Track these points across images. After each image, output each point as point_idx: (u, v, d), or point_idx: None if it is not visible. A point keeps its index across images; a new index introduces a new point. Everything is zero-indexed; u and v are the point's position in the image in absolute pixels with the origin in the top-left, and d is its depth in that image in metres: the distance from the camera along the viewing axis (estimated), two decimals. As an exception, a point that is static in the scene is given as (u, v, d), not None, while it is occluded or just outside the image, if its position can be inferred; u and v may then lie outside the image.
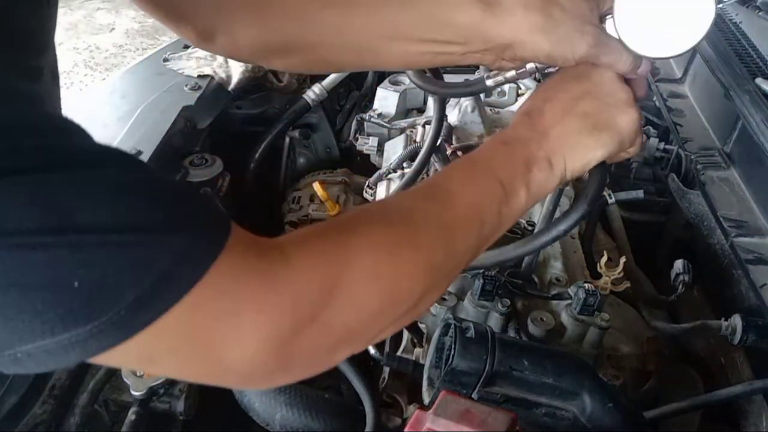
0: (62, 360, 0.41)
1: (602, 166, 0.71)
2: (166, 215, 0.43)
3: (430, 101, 1.45)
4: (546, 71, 0.74)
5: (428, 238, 0.58)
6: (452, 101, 1.46)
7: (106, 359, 0.42)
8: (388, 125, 1.62)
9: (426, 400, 0.86)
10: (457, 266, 0.63)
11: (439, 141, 1.20)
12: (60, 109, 0.61)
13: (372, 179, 1.47)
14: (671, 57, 0.66)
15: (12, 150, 0.37)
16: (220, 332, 0.45)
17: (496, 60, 0.72)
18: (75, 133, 0.42)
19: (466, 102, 1.45)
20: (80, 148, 0.41)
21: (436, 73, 1.10)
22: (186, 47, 1.64)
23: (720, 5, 1.44)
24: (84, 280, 0.38)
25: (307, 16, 0.74)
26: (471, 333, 0.81)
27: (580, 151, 0.67)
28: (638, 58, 0.67)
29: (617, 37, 0.66)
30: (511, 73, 0.74)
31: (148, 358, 0.45)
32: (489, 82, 0.78)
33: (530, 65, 0.73)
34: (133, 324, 0.41)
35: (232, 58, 0.82)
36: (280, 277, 0.47)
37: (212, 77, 1.51)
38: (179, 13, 0.76)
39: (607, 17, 0.67)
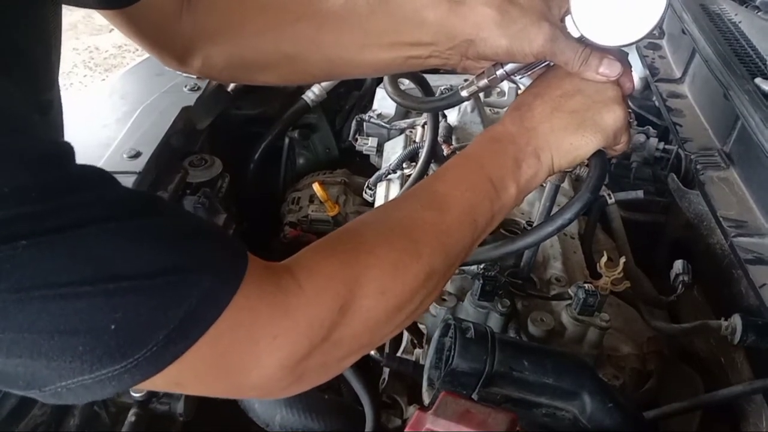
0: (99, 393, 0.45)
1: (601, 155, 0.71)
2: (190, 257, 0.47)
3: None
4: (516, 76, 0.75)
5: (428, 248, 0.61)
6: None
7: (139, 386, 0.47)
8: (387, 126, 1.62)
9: (426, 400, 0.85)
10: (453, 266, 0.65)
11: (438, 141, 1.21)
12: (63, 137, 0.64)
13: (371, 180, 1.47)
14: (631, 44, 0.66)
15: (54, 210, 0.41)
16: (240, 358, 0.50)
17: (461, 60, 0.74)
18: (107, 182, 0.46)
19: (466, 102, 1.45)
20: (112, 199, 0.46)
21: (424, 82, 1.11)
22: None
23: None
24: (120, 322, 0.43)
25: (281, 30, 0.77)
26: (471, 333, 0.81)
27: (566, 147, 0.69)
28: (597, 60, 0.68)
29: (578, 34, 0.67)
30: (483, 82, 0.75)
31: (175, 384, 0.51)
32: (464, 93, 0.78)
33: (500, 71, 0.73)
34: (164, 359, 0.45)
35: (211, 78, 0.85)
36: (293, 305, 0.52)
37: (212, 78, 1.51)
38: (158, 40, 0.79)
39: (567, 15, 0.68)
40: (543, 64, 0.73)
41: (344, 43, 0.76)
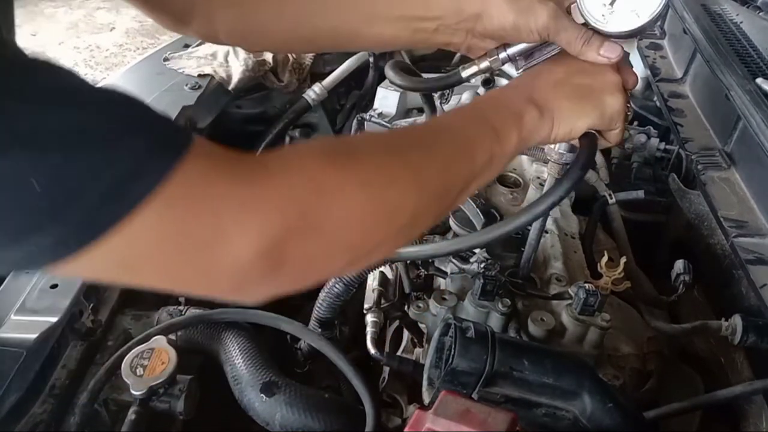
0: (34, 263, 0.41)
1: (591, 136, 0.74)
2: (121, 119, 0.42)
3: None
4: (516, 60, 0.76)
5: (417, 158, 0.58)
6: (452, 97, 1.46)
7: (83, 268, 0.42)
8: (388, 125, 1.62)
9: (426, 400, 0.85)
10: (448, 192, 0.62)
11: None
12: None
13: (372, 179, 1.47)
14: (636, 29, 0.69)
15: None
16: (199, 234, 0.44)
17: (466, 37, 0.75)
18: (29, 57, 0.42)
19: (466, 96, 1.45)
20: (31, 63, 0.41)
21: (412, 71, 1.11)
22: (186, 46, 1.64)
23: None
24: (46, 184, 0.38)
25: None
26: (471, 333, 0.81)
27: (567, 115, 0.70)
28: (598, 41, 0.71)
29: (583, 20, 0.70)
30: (485, 63, 0.77)
31: (123, 263, 0.44)
32: (464, 74, 0.80)
33: (502, 54, 0.75)
34: (101, 222, 0.40)
35: (208, 40, 0.82)
36: (259, 180, 0.47)
37: (212, 76, 1.51)
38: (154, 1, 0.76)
39: (572, 4, 0.72)
40: (542, 58, 0.75)
41: (349, 15, 0.76)
